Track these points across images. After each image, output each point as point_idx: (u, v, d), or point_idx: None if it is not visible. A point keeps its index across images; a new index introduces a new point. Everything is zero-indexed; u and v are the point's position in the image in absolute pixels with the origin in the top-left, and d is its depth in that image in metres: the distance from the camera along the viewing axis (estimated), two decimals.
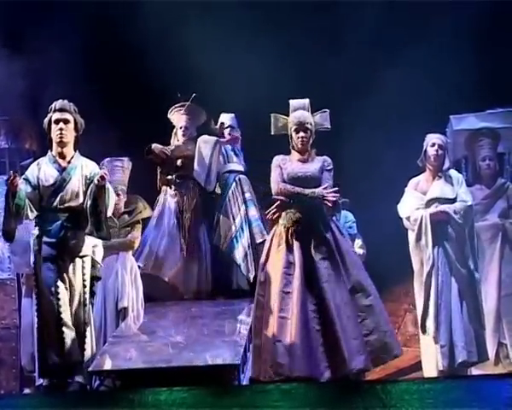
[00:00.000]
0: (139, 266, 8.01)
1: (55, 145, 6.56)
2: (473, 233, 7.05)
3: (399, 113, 7.86)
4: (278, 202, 6.40)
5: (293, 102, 6.55)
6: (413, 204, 7.06)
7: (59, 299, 6.40)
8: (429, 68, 8.05)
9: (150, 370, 6.58)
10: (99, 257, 7.15)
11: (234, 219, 8.07)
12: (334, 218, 6.65)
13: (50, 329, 6.43)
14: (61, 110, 6.53)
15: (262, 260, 6.47)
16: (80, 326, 6.52)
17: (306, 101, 6.55)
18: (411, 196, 7.10)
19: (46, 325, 6.43)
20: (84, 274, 6.54)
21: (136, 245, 8.10)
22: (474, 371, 7.00)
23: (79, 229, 6.49)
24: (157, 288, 8.07)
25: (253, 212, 8.12)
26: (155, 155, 8.22)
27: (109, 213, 6.66)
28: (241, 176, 8.28)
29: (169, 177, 8.30)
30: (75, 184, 6.54)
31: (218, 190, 8.32)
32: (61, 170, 6.52)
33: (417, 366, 7.32)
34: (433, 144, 7.07)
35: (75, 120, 6.58)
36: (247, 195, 8.19)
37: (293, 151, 6.55)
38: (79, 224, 6.48)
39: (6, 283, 8.03)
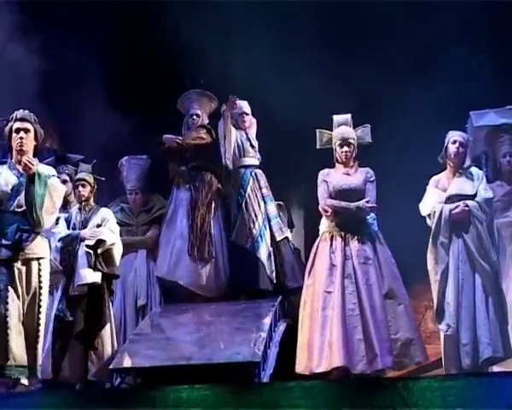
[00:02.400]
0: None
1: (14, 153, 6.67)
2: (493, 228, 7.04)
3: (422, 111, 7.85)
4: (328, 213, 6.88)
5: (336, 118, 7.01)
6: (434, 201, 7.04)
7: (7, 303, 6.44)
8: (450, 65, 8.02)
9: (171, 367, 6.65)
10: (118, 256, 7.30)
11: (256, 217, 7.87)
12: (376, 229, 7.09)
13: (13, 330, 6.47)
14: (22, 120, 6.67)
15: (309, 264, 6.94)
16: (33, 329, 6.54)
17: (349, 116, 7.01)
18: (432, 193, 7.09)
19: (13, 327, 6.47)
20: (40, 276, 6.57)
21: (154, 242, 8.14)
22: (495, 368, 6.96)
23: (35, 232, 6.57)
24: (174, 291, 7.96)
25: (272, 208, 7.97)
26: (167, 147, 8.12)
27: (58, 203, 6.71)
28: (257, 170, 8.08)
29: (182, 168, 8.14)
30: None
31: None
32: (20, 176, 6.61)
33: (438, 363, 7.26)
34: (455, 141, 7.04)
35: (35, 129, 6.70)
36: (264, 190, 8.02)
37: (337, 164, 7.02)
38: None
39: None
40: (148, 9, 8.88)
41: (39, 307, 6.59)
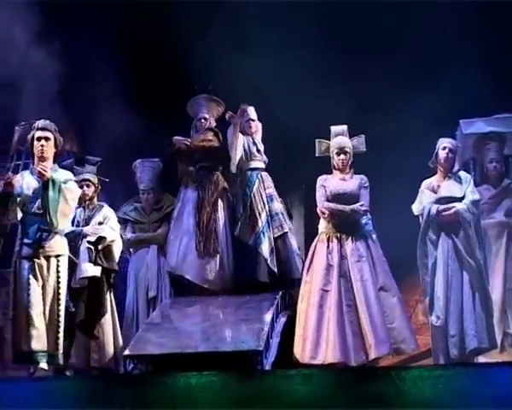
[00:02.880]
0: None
1: (36, 159, 6.75)
2: (480, 227, 7.04)
3: (415, 118, 7.81)
4: (325, 215, 7.02)
5: (334, 129, 7.17)
6: (425, 203, 7.07)
7: (29, 295, 6.52)
8: (443, 76, 7.99)
9: (180, 355, 6.60)
10: (117, 252, 7.35)
11: (260, 215, 7.74)
12: (371, 228, 7.21)
13: (21, 321, 6.55)
14: (43, 129, 6.76)
15: (307, 262, 7.07)
16: (54, 319, 6.60)
17: (345, 127, 7.15)
18: (424, 195, 7.11)
19: (18, 318, 6.57)
20: (58, 271, 6.65)
21: (165, 239, 8.07)
22: (481, 359, 6.96)
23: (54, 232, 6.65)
24: (183, 284, 7.86)
25: (275, 206, 7.84)
26: (177, 148, 8.01)
27: (73, 205, 6.79)
28: (263, 173, 7.96)
29: (190, 168, 8.02)
30: None
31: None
32: (40, 180, 6.67)
33: (428, 353, 7.25)
34: (444, 148, 7.09)
35: (55, 138, 6.78)
36: (269, 190, 7.89)
37: (334, 171, 7.16)
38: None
39: None
40: (162, 15, 8.80)
41: (59, 299, 6.64)
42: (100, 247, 7.22)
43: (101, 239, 7.23)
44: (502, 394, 5.63)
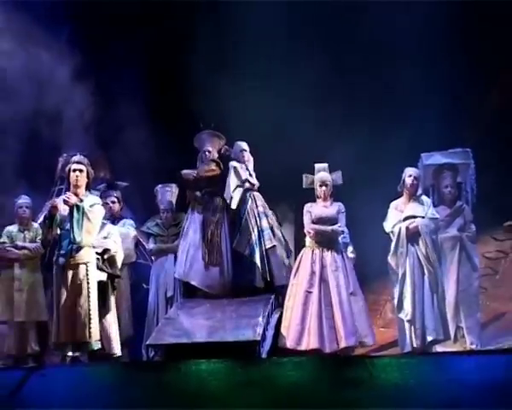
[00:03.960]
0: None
1: (72, 186, 6.85)
2: (437, 241, 7.06)
3: (385, 152, 7.84)
4: (311, 234, 7.21)
5: (317, 166, 7.36)
6: (394, 220, 7.11)
7: (64, 294, 6.60)
8: (407, 117, 8.02)
9: (192, 344, 6.61)
10: (119, 260, 7.33)
11: (253, 229, 7.66)
12: (348, 241, 7.50)
13: (60, 316, 6.61)
14: (78, 162, 6.88)
15: (294, 269, 7.23)
16: (86, 314, 6.63)
17: (326, 165, 7.35)
18: (393, 214, 7.14)
19: (58, 313, 6.62)
20: (87, 275, 6.69)
21: None
22: (439, 348, 6.96)
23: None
24: (192, 287, 7.77)
25: (265, 222, 7.74)
26: (186, 179, 7.95)
27: (96, 224, 6.83)
28: (255, 193, 7.87)
29: (197, 193, 7.92)
30: None
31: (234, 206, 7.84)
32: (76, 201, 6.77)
33: (394, 343, 7.29)
34: (410, 175, 7.14)
35: (87, 170, 6.89)
36: (260, 208, 7.81)
37: (317, 199, 7.33)
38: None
39: None
40: (177, 63, 8.77)
41: (89, 296, 6.66)
42: (105, 256, 7.19)
43: (106, 251, 7.21)
44: (455, 377, 5.64)
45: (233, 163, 7.81)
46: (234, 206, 7.69)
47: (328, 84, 8.20)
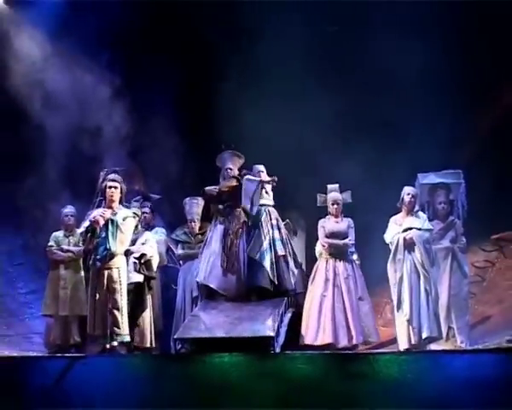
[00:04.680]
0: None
1: (108, 201, 6.90)
2: (432, 250, 7.02)
3: (387, 173, 7.83)
4: (325, 247, 7.33)
5: (329, 187, 7.47)
6: (393, 232, 7.08)
7: (99, 294, 6.63)
8: (406, 142, 8.00)
9: (214, 339, 6.60)
10: (155, 264, 7.34)
11: (265, 238, 7.56)
12: (354, 250, 7.49)
13: (96, 312, 6.64)
14: (113, 180, 6.93)
15: (311, 277, 7.35)
16: (119, 310, 6.65)
17: (337, 185, 7.44)
18: (392, 227, 7.12)
19: (94, 310, 6.66)
20: (120, 277, 6.72)
21: None
22: (433, 346, 6.93)
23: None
24: (209, 292, 7.65)
25: (277, 234, 7.63)
26: (208, 195, 7.88)
27: (128, 235, 6.83)
28: (270, 208, 7.79)
29: (219, 206, 7.84)
30: None
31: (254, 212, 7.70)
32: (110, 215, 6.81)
33: (393, 340, 7.23)
34: (408, 194, 7.12)
35: (121, 186, 6.94)
36: (274, 222, 7.71)
37: (330, 216, 7.43)
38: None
39: None
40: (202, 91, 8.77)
41: (121, 295, 6.69)
42: (142, 260, 7.24)
43: (143, 255, 7.25)
44: (447, 371, 5.69)
45: (247, 176, 7.75)
46: (254, 212, 7.58)
47: (340, 114, 8.18)
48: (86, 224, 6.85)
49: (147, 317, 7.26)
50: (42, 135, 7.98)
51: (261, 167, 7.90)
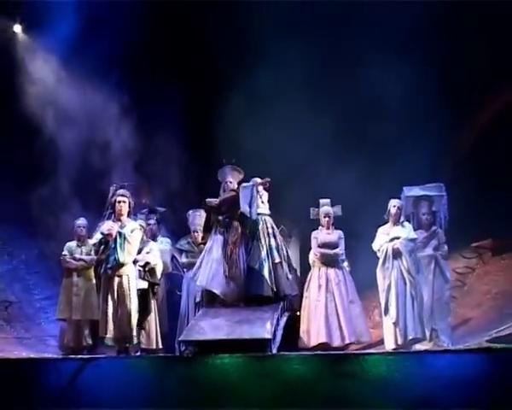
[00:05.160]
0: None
1: (117, 214, 6.93)
2: (416, 258, 7.03)
3: (374, 187, 7.83)
4: (317, 256, 7.39)
5: (322, 201, 7.53)
6: (381, 241, 7.08)
7: (110, 300, 6.67)
8: (392, 159, 8.01)
9: (216, 341, 6.52)
10: (159, 272, 7.33)
11: (262, 248, 7.48)
12: (344, 258, 7.54)
13: (107, 317, 6.67)
14: (122, 195, 6.97)
15: (306, 284, 7.40)
16: (128, 316, 6.68)
17: (328, 200, 7.51)
18: (380, 237, 7.13)
19: (105, 315, 6.67)
20: (129, 284, 6.77)
21: None
22: (418, 346, 6.91)
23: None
24: (210, 297, 7.57)
25: (273, 242, 7.56)
26: (209, 206, 7.77)
27: (135, 246, 6.85)
28: (266, 217, 7.70)
29: (219, 217, 7.72)
30: None
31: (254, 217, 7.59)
32: (119, 228, 6.87)
33: (381, 341, 7.22)
34: (394, 205, 7.14)
35: (129, 201, 6.98)
36: (270, 230, 7.63)
37: (322, 227, 7.49)
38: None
39: None
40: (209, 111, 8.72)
41: (131, 301, 6.72)
42: (147, 268, 7.23)
43: (147, 263, 7.24)
44: (432, 370, 5.70)
45: (242, 184, 7.66)
46: (253, 215, 7.46)
47: (332, 133, 8.15)
48: (98, 235, 6.88)
49: (152, 320, 7.24)
50: (54, 150, 8.03)
51: (259, 180, 7.81)
